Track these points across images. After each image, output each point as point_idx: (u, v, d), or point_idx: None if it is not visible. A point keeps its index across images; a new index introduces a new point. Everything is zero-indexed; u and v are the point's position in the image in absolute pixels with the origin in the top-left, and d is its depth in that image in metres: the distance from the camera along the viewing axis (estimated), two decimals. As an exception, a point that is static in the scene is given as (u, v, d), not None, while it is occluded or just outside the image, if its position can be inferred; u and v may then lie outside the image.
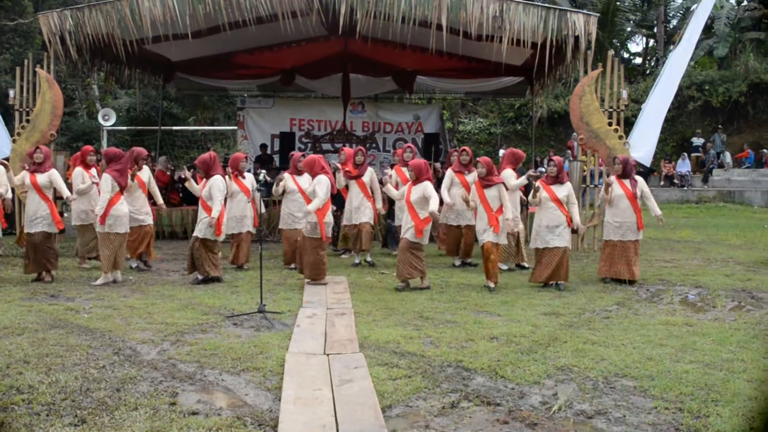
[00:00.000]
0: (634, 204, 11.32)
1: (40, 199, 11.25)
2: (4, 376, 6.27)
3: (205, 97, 34.16)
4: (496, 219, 10.76)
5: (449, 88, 24.12)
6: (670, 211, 26.21)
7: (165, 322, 8.47)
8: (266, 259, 12.41)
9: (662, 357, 7.01)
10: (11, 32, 32.29)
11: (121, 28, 14.80)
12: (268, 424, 5.26)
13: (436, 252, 14.29)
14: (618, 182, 11.48)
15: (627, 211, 11.33)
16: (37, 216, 11.20)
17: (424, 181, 10.79)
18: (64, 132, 29.07)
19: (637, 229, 11.33)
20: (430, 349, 7.33)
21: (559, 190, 11.01)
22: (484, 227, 10.87)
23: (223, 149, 33.30)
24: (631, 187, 11.36)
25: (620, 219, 11.38)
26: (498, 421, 5.35)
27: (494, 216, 10.76)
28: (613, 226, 11.48)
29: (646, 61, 44.53)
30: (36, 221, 11.20)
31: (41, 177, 11.24)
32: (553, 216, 10.99)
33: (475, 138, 37.20)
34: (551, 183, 11.10)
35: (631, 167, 11.57)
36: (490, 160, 11.15)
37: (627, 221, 11.34)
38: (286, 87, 23.00)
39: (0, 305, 9.38)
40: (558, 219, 10.95)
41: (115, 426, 5.17)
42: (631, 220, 11.31)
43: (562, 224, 10.93)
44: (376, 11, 14.21)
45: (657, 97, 15.37)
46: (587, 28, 14.09)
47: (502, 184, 10.89)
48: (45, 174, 11.28)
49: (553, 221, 10.98)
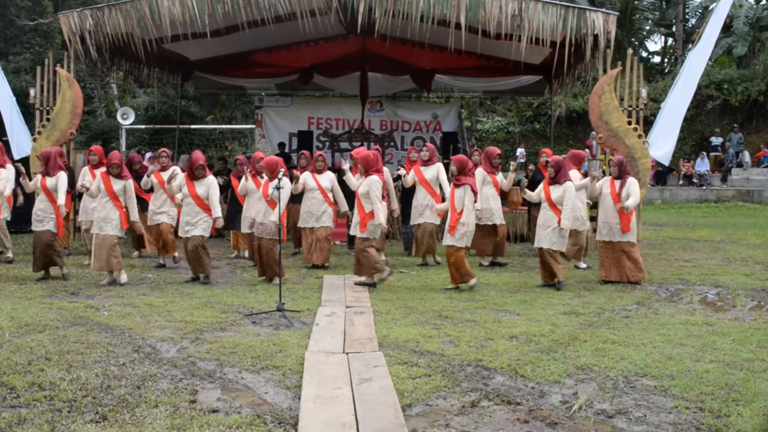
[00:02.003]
0: (616, 203, 11.13)
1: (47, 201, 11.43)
2: (26, 372, 6.31)
3: (224, 96, 34.21)
4: (457, 220, 10.65)
5: (467, 86, 24.07)
6: (689, 211, 26.15)
7: (184, 320, 8.51)
8: (284, 257, 12.41)
9: (682, 356, 6.99)
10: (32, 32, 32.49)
11: (141, 27, 14.83)
12: (288, 423, 5.27)
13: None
14: (610, 182, 11.37)
15: (612, 211, 11.19)
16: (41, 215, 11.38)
17: (372, 175, 10.94)
18: (83, 131, 29.21)
19: (621, 231, 11.13)
20: (449, 348, 7.33)
21: (555, 191, 10.92)
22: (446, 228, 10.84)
23: (241, 148, 33.35)
24: (618, 188, 11.20)
25: (605, 219, 11.29)
26: (518, 421, 5.34)
27: (456, 217, 10.65)
28: (601, 226, 11.41)
29: (664, 60, 44.33)
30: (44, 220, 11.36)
31: (50, 180, 11.41)
32: (545, 216, 10.97)
33: (493, 137, 37.12)
34: (551, 183, 11.04)
35: (625, 169, 11.42)
36: (465, 158, 11.00)
37: (611, 221, 11.20)
38: (304, 85, 23.01)
39: (21, 303, 9.44)
40: (550, 220, 10.90)
41: (136, 423, 5.20)
42: (614, 220, 11.16)
43: (552, 225, 10.86)
44: (394, 10, 14.18)
45: (676, 96, 15.28)
46: (606, 26, 14.01)
47: (470, 186, 10.68)
48: (53, 177, 11.44)
49: (545, 222, 10.96)
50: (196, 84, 23.99)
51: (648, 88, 18.60)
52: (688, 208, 27.05)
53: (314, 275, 12.02)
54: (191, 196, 11.21)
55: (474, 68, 20.75)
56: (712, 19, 15.70)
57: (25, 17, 33.03)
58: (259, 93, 24.93)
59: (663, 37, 44.17)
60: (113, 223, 11.10)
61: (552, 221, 10.85)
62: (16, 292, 10.24)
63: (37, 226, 11.37)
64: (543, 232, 10.96)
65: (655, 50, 46.73)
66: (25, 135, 15.85)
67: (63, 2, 34.45)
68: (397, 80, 22.63)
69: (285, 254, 13.03)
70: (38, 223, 11.36)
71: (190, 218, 11.27)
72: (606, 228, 11.25)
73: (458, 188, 10.66)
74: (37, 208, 11.39)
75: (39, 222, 11.35)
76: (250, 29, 15.60)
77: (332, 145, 22.26)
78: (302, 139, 22.20)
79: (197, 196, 11.18)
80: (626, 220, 11.12)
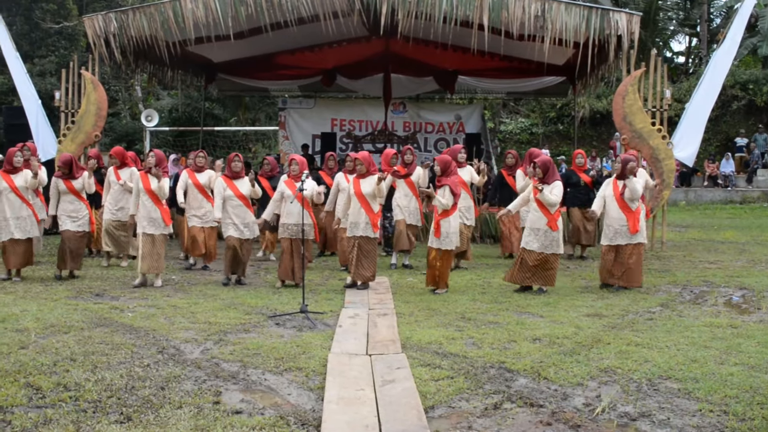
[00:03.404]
0: (621, 205, 10.85)
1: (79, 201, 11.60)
2: (52, 373, 6.36)
3: (247, 98, 34.29)
4: (439, 223, 10.59)
5: (491, 87, 24.08)
6: (714, 212, 25.98)
7: (208, 321, 8.54)
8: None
9: (706, 359, 6.95)
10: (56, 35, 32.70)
11: (164, 29, 14.93)
12: (311, 424, 5.29)
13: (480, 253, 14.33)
14: (613, 183, 11.07)
15: (616, 213, 10.90)
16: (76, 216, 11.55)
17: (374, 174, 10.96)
18: (107, 133, 29.34)
19: (628, 232, 10.82)
20: (472, 350, 7.32)
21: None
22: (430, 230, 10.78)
23: (265, 149, 33.42)
24: (621, 189, 10.91)
25: (609, 222, 10.99)
26: (541, 423, 5.33)
27: (438, 219, 10.61)
28: (605, 229, 11.09)
29: (689, 61, 44.07)
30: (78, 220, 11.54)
31: (76, 182, 11.57)
32: (535, 218, 10.72)
33: (517, 138, 37.00)
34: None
35: (628, 169, 11.20)
36: (449, 159, 10.93)
37: (616, 224, 10.89)
38: (327, 87, 23.11)
39: (47, 303, 9.52)
40: (540, 221, 10.65)
41: (160, 424, 5.23)
42: (620, 223, 10.85)
43: (543, 227, 10.63)
44: (417, 11, 14.20)
45: (700, 97, 15.24)
46: (630, 27, 13.97)
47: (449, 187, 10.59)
48: (79, 179, 11.60)
49: (535, 223, 10.71)
50: (220, 86, 24.11)
51: (672, 89, 18.50)
52: (713, 209, 26.87)
53: (337, 277, 12.04)
54: (237, 197, 11.24)
55: (497, 69, 20.75)
56: (737, 19, 15.64)
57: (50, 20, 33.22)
58: (282, 95, 24.99)
59: (687, 37, 43.92)
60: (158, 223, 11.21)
61: (543, 222, 10.60)
62: (42, 294, 10.32)
63: (70, 226, 11.51)
64: (534, 234, 10.68)
65: (679, 50, 46.51)
66: (51, 137, 16.03)
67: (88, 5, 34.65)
68: (420, 81, 22.65)
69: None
70: (72, 222, 11.51)
71: (242, 219, 11.28)
72: (611, 231, 10.94)
73: (439, 189, 10.65)
74: (67, 210, 11.53)
75: (73, 221, 11.51)
76: (273, 31, 15.65)
77: (355, 147, 22.30)
78: (325, 141, 22.27)
79: (243, 197, 11.25)
80: (635, 219, 10.83)
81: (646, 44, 29.29)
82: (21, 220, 11.48)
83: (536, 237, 10.63)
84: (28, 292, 10.47)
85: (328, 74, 21.87)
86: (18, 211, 11.47)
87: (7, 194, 11.43)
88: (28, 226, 11.56)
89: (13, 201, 11.45)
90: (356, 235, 10.93)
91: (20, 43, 26.03)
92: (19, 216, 11.48)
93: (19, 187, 11.45)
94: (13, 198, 11.44)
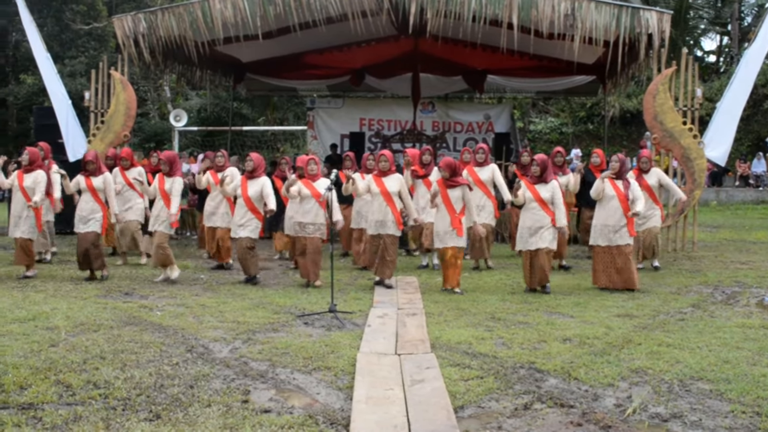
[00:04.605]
0: (624, 206, 10.70)
1: (95, 202, 11.57)
2: (82, 371, 6.39)
3: (275, 98, 34.44)
4: (459, 221, 10.58)
5: (520, 87, 23.99)
6: (746, 212, 25.77)
7: (237, 320, 8.56)
8: (336, 258, 12.44)
9: (739, 360, 6.88)
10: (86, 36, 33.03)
11: (193, 30, 14.99)
12: (340, 423, 5.27)
13: (508, 253, 14.29)
14: (610, 182, 10.89)
15: (617, 213, 10.74)
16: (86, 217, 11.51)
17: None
18: (136, 133, 29.56)
19: (628, 234, 10.73)
20: (502, 350, 7.29)
21: (543, 190, 10.66)
22: (445, 229, 10.68)
23: (293, 149, 33.53)
24: (623, 189, 10.78)
25: (608, 221, 10.80)
26: (571, 424, 5.29)
27: (457, 218, 10.57)
28: (599, 230, 10.93)
29: (720, 59, 43.71)
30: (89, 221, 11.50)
31: (96, 180, 11.57)
32: (537, 217, 10.64)
33: (546, 138, 36.88)
34: (535, 182, 10.71)
35: (626, 169, 11.05)
36: (453, 161, 10.88)
37: (616, 224, 10.74)
38: (355, 87, 23.10)
39: (76, 302, 9.58)
40: (542, 220, 10.60)
41: (189, 422, 5.24)
42: (620, 223, 10.71)
43: (546, 225, 10.58)
44: (446, 10, 14.16)
45: (732, 96, 15.09)
46: (660, 25, 13.86)
47: (467, 186, 10.68)
48: (99, 177, 11.61)
49: (536, 222, 10.63)
50: (248, 86, 24.18)
51: (703, 88, 18.36)
52: (745, 209, 26.65)
53: (366, 277, 12.03)
54: (243, 198, 11.27)
55: (526, 68, 20.67)
56: (769, 17, 15.48)
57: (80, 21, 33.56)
58: (310, 94, 25.03)
59: (718, 35, 43.55)
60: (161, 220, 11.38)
61: (545, 221, 10.56)
62: (72, 292, 10.38)
63: (80, 228, 11.49)
64: (535, 234, 10.61)
65: (710, 49, 46.21)
66: (80, 137, 16.15)
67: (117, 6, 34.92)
68: (449, 81, 22.61)
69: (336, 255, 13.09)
70: (82, 224, 11.48)
71: (238, 219, 11.35)
72: (610, 231, 10.77)
73: (454, 189, 10.62)
74: (82, 209, 11.52)
75: (84, 223, 11.47)
76: (301, 31, 15.68)
77: (384, 147, 22.29)
78: (354, 141, 22.28)
79: (249, 199, 11.25)
80: (632, 222, 10.84)
81: (676, 43, 29.08)
82: (21, 219, 11.65)
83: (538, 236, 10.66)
84: (58, 290, 10.54)
85: (356, 74, 21.87)
86: (21, 210, 11.67)
87: (16, 192, 11.76)
88: (27, 226, 11.67)
89: (19, 199, 11.71)
90: (383, 233, 10.95)
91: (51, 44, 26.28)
92: (20, 215, 11.65)
93: (26, 188, 11.64)
94: (19, 196, 11.69)
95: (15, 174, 11.78)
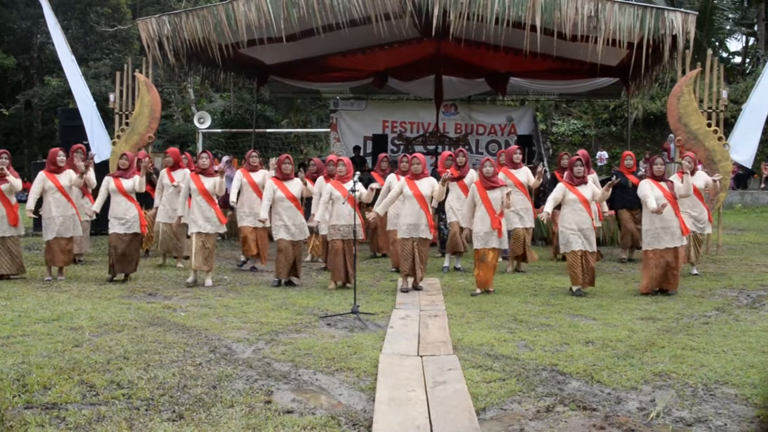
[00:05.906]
0: (675, 206, 10.54)
1: (128, 202, 11.60)
2: (105, 371, 6.41)
3: (299, 100, 34.55)
4: (500, 222, 10.56)
5: (543, 89, 23.94)
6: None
7: (259, 321, 8.58)
8: (360, 260, 12.44)
9: (764, 364, 6.81)
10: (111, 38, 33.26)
11: (217, 32, 15.06)
12: (362, 425, 5.27)
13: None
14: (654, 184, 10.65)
15: (670, 214, 10.46)
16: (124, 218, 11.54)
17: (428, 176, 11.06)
18: (160, 135, 29.72)
19: (681, 234, 10.51)
20: (524, 352, 7.27)
21: (585, 191, 10.57)
22: (486, 230, 10.62)
23: (316, 151, 33.60)
24: (669, 189, 10.60)
25: (663, 224, 10.51)
26: (594, 427, 5.27)
27: (497, 219, 10.54)
28: (655, 232, 10.60)
29: (746, 61, 43.40)
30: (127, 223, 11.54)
31: (126, 182, 11.59)
32: (581, 218, 10.52)
33: (569, 140, 36.78)
34: (577, 184, 10.61)
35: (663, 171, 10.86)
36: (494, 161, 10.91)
37: (672, 226, 10.50)
38: (378, 89, 23.14)
39: (100, 303, 9.63)
40: (587, 221, 10.51)
41: (212, 422, 5.25)
42: (675, 224, 10.50)
43: (589, 226, 10.51)
44: (469, 13, 14.15)
45: (758, 98, 14.97)
46: (685, 26, 13.78)
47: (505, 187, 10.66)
48: (130, 180, 11.63)
49: (583, 223, 10.51)
50: (272, 88, 24.30)
51: (728, 90, 18.23)
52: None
53: (389, 278, 12.03)
54: (288, 198, 11.24)
55: (549, 71, 20.63)
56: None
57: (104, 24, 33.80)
58: (333, 97, 25.10)
59: (744, 36, 43.29)
60: (213, 221, 11.35)
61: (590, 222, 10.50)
62: (96, 293, 10.44)
63: (118, 229, 11.49)
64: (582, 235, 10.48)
65: (735, 50, 45.80)
66: (105, 139, 16.26)
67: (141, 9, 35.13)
68: (472, 83, 22.59)
69: (361, 257, 13.09)
70: (120, 225, 11.50)
71: (293, 221, 11.29)
72: (667, 234, 10.52)
73: (494, 191, 10.62)
74: (115, 212, 11.54)
75: (121, 224, 11.49)
76: (325, 33, 15.72)
77: (407, 149, 22.32)
78: (377, 143, 22.33)
79: (294, 198, 11.28)
80: (683, 221, 10.67)
81: (701, 44, 28.94)
82: (66, 218, 11.71)
83: (584, 236, 10.54)
84: (82, 291, 10.60)
85: (379, 76, 21.91)
86: (63, 210, 11.71)
87: (53, 193, 11.69)
88: (72, 225, 11.77)
89: (58, 200, 11.70)
90: (416, 237, 10.85)
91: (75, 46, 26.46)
92: (64, 215, 11.70)
93: (64, 187, 11.71)
94: (59, 197, 11.69)
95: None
